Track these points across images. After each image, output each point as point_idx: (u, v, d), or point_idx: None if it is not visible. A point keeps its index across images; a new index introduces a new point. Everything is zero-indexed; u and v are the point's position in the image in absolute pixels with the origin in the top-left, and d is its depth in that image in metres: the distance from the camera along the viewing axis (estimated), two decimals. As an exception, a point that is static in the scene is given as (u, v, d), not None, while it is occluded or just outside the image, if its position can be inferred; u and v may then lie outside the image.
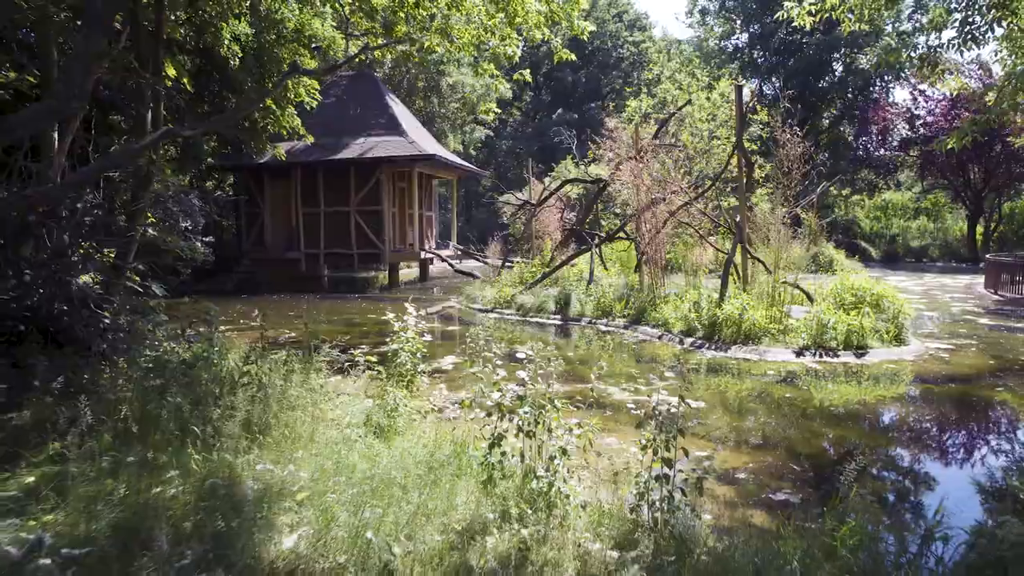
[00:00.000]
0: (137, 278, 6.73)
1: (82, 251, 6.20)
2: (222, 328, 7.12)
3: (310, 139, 15.13)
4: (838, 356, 8.09)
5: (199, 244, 7.80)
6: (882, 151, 32.05)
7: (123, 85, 9.94)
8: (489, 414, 3.60)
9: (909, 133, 30.02)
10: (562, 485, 3.24)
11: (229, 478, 3.39)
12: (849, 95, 35.40)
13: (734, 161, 11.08)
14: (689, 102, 15.87)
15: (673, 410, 3.24)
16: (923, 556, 2.66)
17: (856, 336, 8.27)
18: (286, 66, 13.32)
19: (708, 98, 21.39)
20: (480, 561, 2.73)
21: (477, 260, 22.34)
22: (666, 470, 2.99)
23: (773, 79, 38.05)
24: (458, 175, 25.18)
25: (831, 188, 33.04)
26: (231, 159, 19.51)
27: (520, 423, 3.42)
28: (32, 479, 3.39)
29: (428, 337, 5.77)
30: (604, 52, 48.06)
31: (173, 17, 9.44)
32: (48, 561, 2.66)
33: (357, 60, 16.88)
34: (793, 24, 7.40)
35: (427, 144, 20.39)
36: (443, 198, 33.06)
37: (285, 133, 14.54)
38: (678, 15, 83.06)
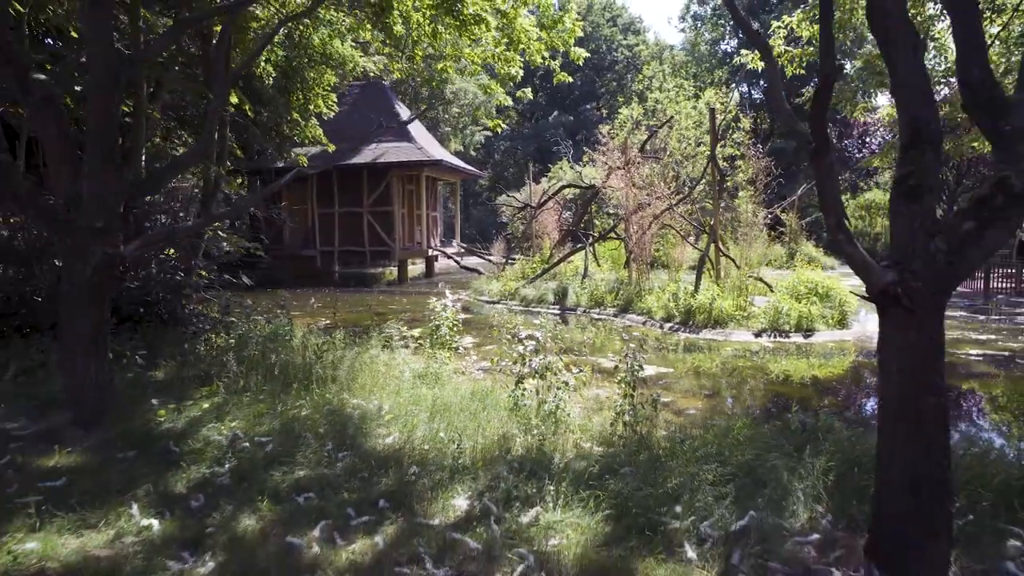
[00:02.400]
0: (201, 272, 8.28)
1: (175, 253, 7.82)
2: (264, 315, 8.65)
3: (331, 147, 16.73)
4: (789, 337, 9.74)
5: (257, 243, 9.41)
6: (864, 153, 33.78)
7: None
8: (514, 362, 5.21)
9: (889, 137, 31.74)
10: (564, 407, 4.85)
11: (338, 406, 5.00)
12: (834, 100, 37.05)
13: (711, 171, 12.70)
14: (673, 118, 17.48)
15: (638, 363, 4.85)
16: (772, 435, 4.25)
17: (805, 320, 9.92)
18: (312, 83, 14.87)
19: (695, 107, 23.02)
20: (514, 450, 4.33)
21: (480, 257, 23.96)
22: (630, 390, 4.60)
23: (762, 83, 39.71)
24: (461, 177, 26.75)
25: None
26: (253, 163, 21.04)
27: (536, 367, 5.04)
28: (207, 405, 4.99)
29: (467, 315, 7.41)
30: (599, 56, 49.60)
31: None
32: (247, 444, 4.27)
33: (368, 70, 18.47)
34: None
35: (434, 149, 21.97)
36: (443, 198, 34.61)
37: (308, 141, 16.15)
38: (671, 19, 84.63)
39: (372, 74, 18.41)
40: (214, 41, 8.68)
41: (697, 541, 3.02)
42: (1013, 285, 15.10)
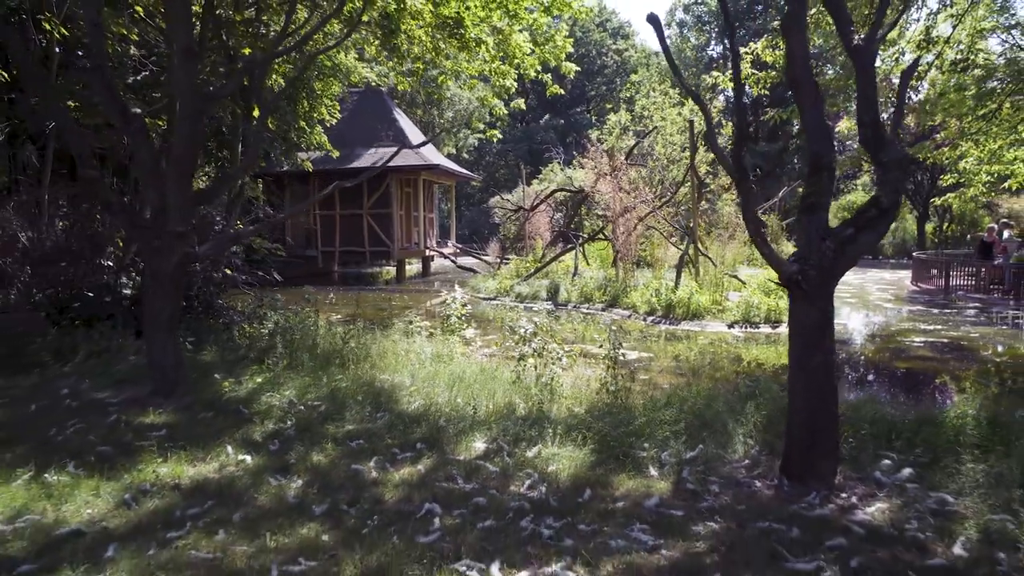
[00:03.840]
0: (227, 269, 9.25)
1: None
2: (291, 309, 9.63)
3: (336, 153, 17.70)
4: (759, 328, 10.83)
5: (279, 244, 10.38)
6: (843, 156, 35.04)
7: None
8: (515, 343, 6.24)
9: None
10: (558, 380, 5.89)
11: (370, 380, 6.02)
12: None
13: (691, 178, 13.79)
14: (655, 128, 18.59)
15: (621, 349, 5.89)
16: (724, 395, 5.30)
17: (774, 313, 11.01)
18: (319, 93, 15.83)
19: (679, 113, 24.14)
20: (518, 411, 5.36)
21: (475, 257, 24.98)
22: (612, 364, 5.64)
23: (747, 89, 40.92)
24: (456, 180, 27.76)
25: (799, 190, 35.94)
26: (262, 168, 21.96)
27: (534, 347, 6.08)
28: (261, 379, 6.00)
29: (467, 309, 8.44)
30: (589, 60, 50.71)
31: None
32: (301, 407, 5.28)
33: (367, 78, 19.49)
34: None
35: (431, 154, 22.97)
36: (437, 199, 35.58)
37: (314, 146, 17.11)
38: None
39: (373, 83, 19.38)
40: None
41: (658, 464, 4.07)
42: (973, 283, 16.30)
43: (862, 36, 4.15)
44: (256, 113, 11.78)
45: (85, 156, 5.29)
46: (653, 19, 3.57)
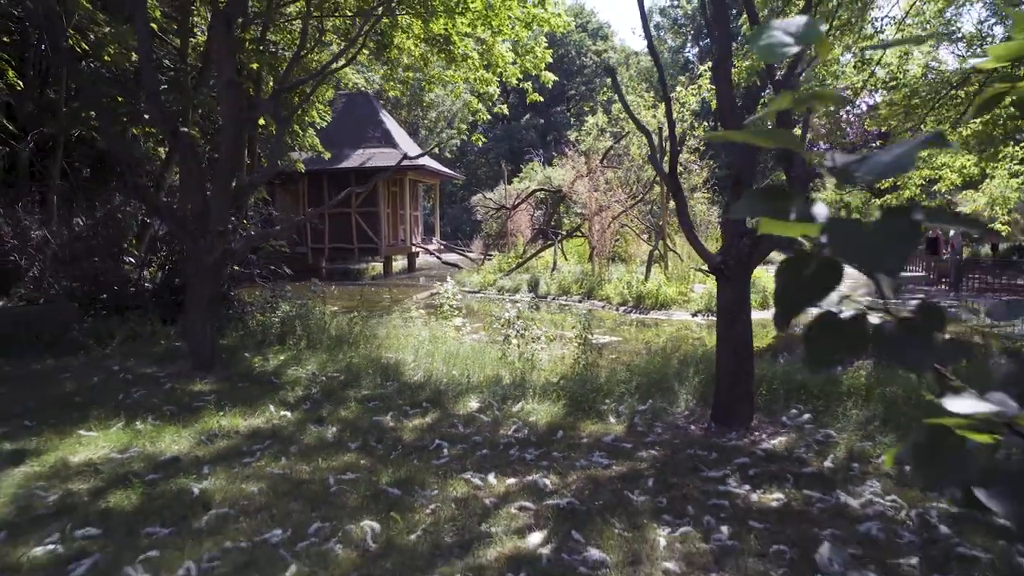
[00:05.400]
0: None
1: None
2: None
3: (327, 155, 18.59)
4: (719, 316, 12.01)
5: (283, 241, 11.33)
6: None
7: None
8: (502, 325, 7.31)
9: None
10: (537, 356, 6.96)
11: (376, 358, 7.05)
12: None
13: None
14: (628, 132, 19.69)
15: (588, 328, 6.98)
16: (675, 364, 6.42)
17: (733, 303, 12.19)
18: (313, 98, 16.70)
19: (654, 116, 25.31)
20: (504, 380, 6.42)
21: (458, 254, 26.00)
22: (583, 342, 6.73)
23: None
24: (440, 179, 28.73)
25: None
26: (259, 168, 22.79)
27: (517, 328, 7.15)
28: (284, 357, 7.00)
29: (455, 300, 9.49)
30: (568, 60, 51.82)
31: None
32: (323, 378, 6.30)
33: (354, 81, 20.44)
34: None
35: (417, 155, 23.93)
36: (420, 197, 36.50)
37: (306, 148, 17.98)
38: (634, 29, 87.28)
39: (362, 88, 20.30)
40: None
41: (616, 415, 5.16)
42: (923, 274, 17.70)
43: (781, 72, 5.30)
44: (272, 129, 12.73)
45: (134, 166, 6.25)
46: (610, 70, 4.63)
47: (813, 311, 0.72)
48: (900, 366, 0.69)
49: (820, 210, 0.68)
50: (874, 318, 0.71)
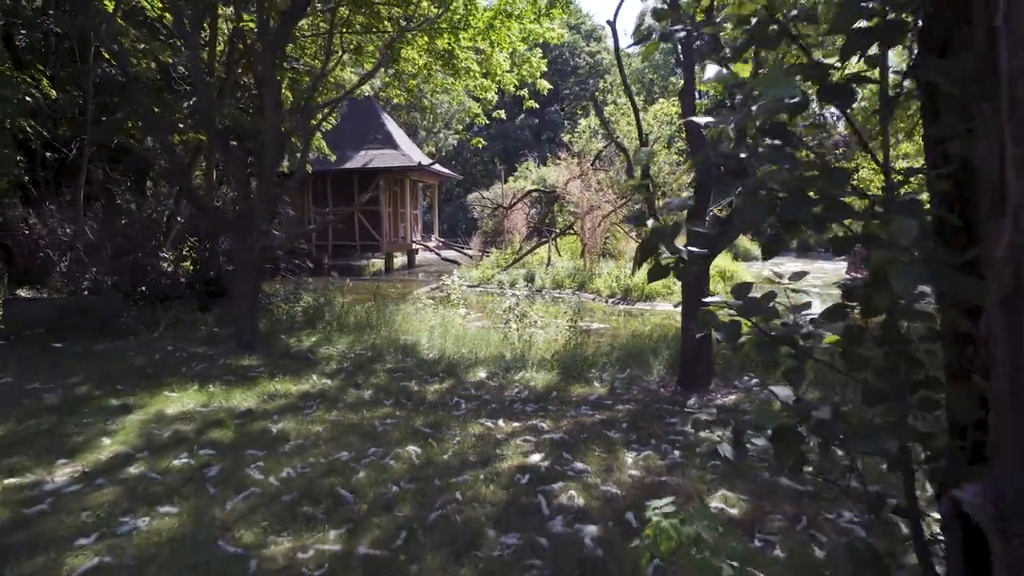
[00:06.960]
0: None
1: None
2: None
3: (333, 157, 19.61)
4: (699, 307, 13.12)
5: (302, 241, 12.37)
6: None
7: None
8: (504, 311, 8.40)
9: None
10: (534, 338, 8.05)
11: (395, 339, 8.13)
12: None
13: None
14: (617, 138, 20.82)
15: (579, 314, 8.07)
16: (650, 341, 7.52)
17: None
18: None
19: (644, 120, 26.42)
20: (506, 357, 7.51)
21: (457, 251, 27.07)
22: (574, 325, 7.83)
23: (710, 93, 43.48)
24: (440, 179, 29.79)
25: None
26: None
27: (517, 312, 8.24)
28: (315, 339, 8.08)
29: (457, 293, 10.57)
30: (562, 61, 52.91)
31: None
32: (352, 355, 7.38)
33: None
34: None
35: (417, 156, 24.98)
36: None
37: (313, 151, 18.95)
38: (627, 31, 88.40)
39: (367, 93, 21.32)
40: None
41: (600, 380, 6.27)
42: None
43: (739, 97, 6.41)
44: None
45: (184, 172, 7.30)
46: (595, 101, 5.67)
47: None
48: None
49: (651, 222, 1.76)
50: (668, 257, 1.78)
